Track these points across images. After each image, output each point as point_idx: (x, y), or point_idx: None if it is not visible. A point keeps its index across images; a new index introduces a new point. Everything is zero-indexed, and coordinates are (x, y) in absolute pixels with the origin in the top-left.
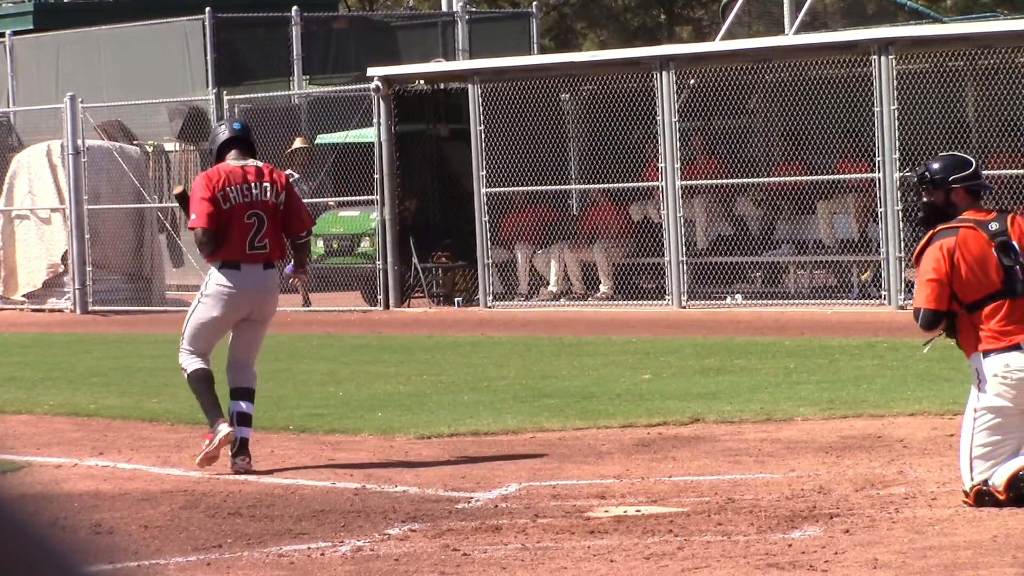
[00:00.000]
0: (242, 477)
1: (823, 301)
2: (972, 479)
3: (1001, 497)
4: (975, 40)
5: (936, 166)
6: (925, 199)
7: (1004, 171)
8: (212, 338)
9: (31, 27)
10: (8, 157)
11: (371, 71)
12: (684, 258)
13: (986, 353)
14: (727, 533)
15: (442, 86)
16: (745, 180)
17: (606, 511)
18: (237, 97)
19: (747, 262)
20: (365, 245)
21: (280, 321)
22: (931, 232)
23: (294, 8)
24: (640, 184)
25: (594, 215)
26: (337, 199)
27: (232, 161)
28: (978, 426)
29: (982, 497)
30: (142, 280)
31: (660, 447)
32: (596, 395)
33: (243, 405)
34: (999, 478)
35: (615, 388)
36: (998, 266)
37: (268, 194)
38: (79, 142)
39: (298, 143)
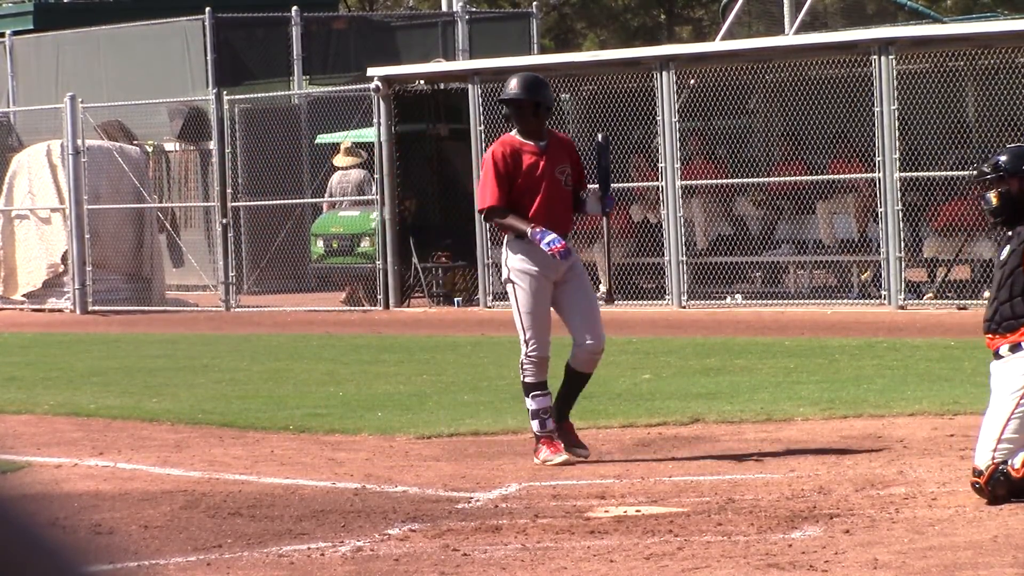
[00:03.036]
0: (242, 477)
1: (823, 301)
2: (993, 458)
3: (1016, 476)
4: (975, 40)
5: (1006, 156)
6: (999, 191)
7: None
8: None
9: (31, 27)
10: (8, 157)
11: (371, 71)
12: (684, 258)
13: None
14: (727, 533)
15: (442, 86)
16: (745, 180)
17: (606, 511)
18: (237, 97)
19: (747, 262)
20: (365, 245)
21: (280, 321)
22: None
23: (294, 8)
24: (638, 184)
25: (594, 215)
26: (340, 199)
27: None
28: (1018, 413)
29: (996, 477)
30: (142, 280)
31: (660, 447)
32: (596, 395)
33: None
34: (1019, 459)
35: (615, 388)
36: None
37: None
38: (79, 142)
39: (349, 160)
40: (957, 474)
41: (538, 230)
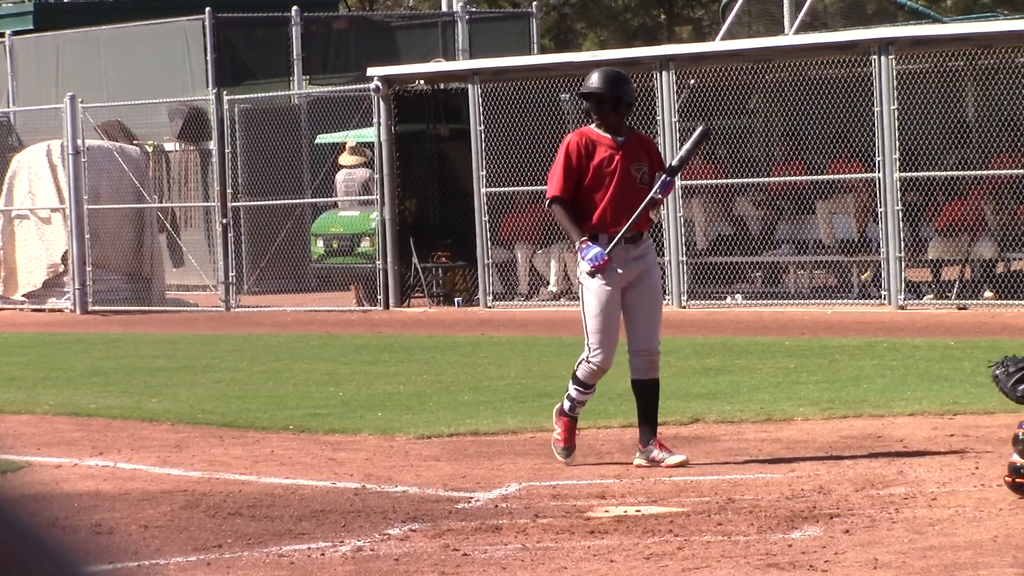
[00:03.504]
0: (242, 477)
1: (823, 301)
2: None
3: None
4: (975, 40)
5: None
6: None
7: (1004, 171)
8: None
9: (31, 27)
10: (8, 157)
11: (371, 71)
12: (684, 258)
13: None
14: (727, 533)
15: (442, 86)
16: (745, 180)
17: (606, 511)
18: (237, 97)
19: (747, 262)
20: (365, 245)
21: (280, 321)
22: None
23: (294, 8)
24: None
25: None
26: (339, 199)
27: None
28: None
29: None
30: (142, 280)
31: None
32: (596, 395)
33: None
34: None
35: (615, 388)
36: None
37: None
38: (79, 142)
39: (354, 159)
40: (957, 474)
41: (584, 244)
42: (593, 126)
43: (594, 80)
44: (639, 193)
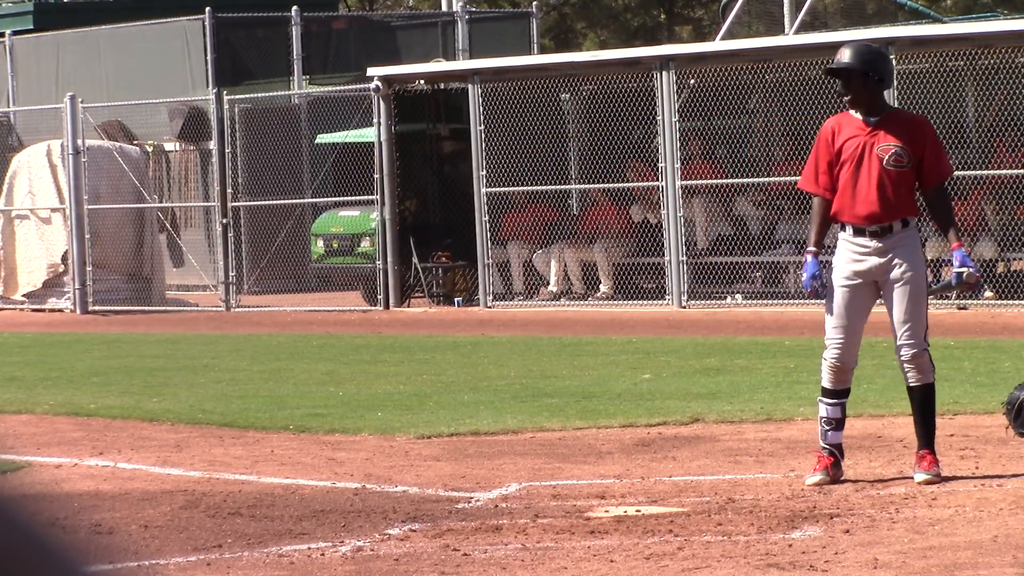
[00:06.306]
0: (242, 477)
1: (823, 301)
2: None
3: None
4: (975, 40)
5: None
6: None
7: (1004, 171)
8: None
9: (31, 27)
10: (8, 157)
11: (371, 71)
12: (684, 258)
13: None
14: (727, 533)
15: (442, 86)
16: (745, 180)
17: (606, 511)
18: (237, 97)
19: (747, 262)
20: (365, 245)
21: (280, 321)
22: None
23: (294, 8)
24: (638, 184)
25: (594, 215)
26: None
27: None
28: None
29: None
30: (142, 280)
31: (660, 447)
32: (596, 395)
33: None
34: None
35: (615, 388)
36: None
37: None
38: (79, 142)
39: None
40: (957, 474)
41: (809, 259)
42: (849, 109)
43: (841, 55)
44: (883, 178)
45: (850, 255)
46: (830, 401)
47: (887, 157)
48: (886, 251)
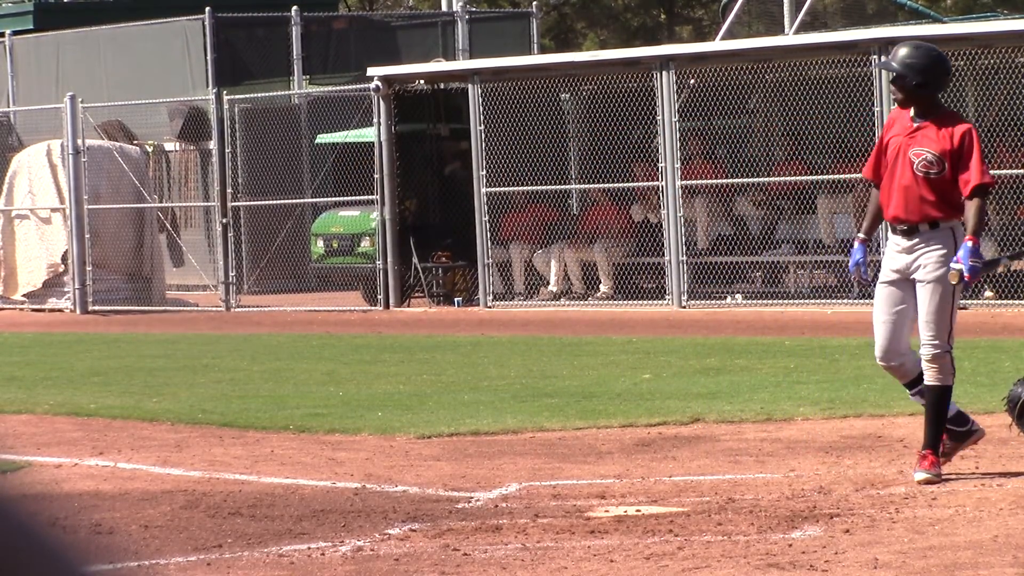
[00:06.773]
0: (242, 477)
1: (823, 301)
2: None
3: None
4: (975, 40)
5: None
6: None
7: (1004, 171)
8: None
9: (31, 27)
10: (8, 157)
11: (371, 71)
12: (684, 258)
13: None
14: (727, 533)
15: (442, 86)
16: (745, 180)
17: (606, 511)
18: (237, 97)
19: (747, 262)
20: (365, 245)
21: (280, 321)
22: None
23: (294, 8)
24: (638, 184)
25: (594, 215)
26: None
27: None
28: None
29: None
30: (142, 280)
31: (660, 447)
32: (596, 395)
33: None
34: None
35: (615, 388)
36: None
37: None
38: (79, 142)
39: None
40: (957, 474)
41: (856, 245)
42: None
43: (893, 55)
44: (912, 181)
45: (889, 251)
46: (910, 394)
47: (917, 162)
48: (912, 250)
